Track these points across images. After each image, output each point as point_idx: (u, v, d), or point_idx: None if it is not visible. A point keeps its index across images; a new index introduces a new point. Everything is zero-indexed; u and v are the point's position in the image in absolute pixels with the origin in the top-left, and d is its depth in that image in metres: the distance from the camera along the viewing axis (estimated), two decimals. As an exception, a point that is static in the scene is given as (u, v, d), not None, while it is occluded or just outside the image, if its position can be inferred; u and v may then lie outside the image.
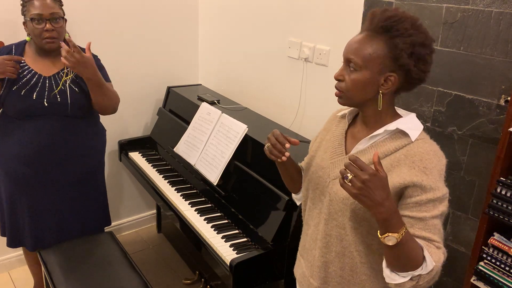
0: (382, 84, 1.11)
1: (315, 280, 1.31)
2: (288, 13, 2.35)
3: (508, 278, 1.45)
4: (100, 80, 1.96)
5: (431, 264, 1.05)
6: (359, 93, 1.13)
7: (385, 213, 0.99)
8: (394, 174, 1.11)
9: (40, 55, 1.98)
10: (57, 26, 1.89)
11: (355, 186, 0.98)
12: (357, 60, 1.10)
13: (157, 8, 2.79)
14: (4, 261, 2.68)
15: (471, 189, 1.71)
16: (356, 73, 1.11)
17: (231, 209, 2.06)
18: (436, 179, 1.09)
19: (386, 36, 1.08)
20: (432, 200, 1.08)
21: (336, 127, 1.32)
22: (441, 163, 1.12)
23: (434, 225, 1.09)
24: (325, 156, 1.29)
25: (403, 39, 1.07)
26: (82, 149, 2.09)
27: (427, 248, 1.06)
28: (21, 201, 2.07)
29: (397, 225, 1.00)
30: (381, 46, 1.08)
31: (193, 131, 2.37)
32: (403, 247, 1.02)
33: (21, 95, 1.91)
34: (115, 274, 1.96)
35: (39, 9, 1.84)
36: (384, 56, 1.09)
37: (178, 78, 3.04)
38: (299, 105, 2.38)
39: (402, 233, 1.00)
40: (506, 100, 1.54)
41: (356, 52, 1.11)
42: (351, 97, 1.15)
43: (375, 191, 0.97)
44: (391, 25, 1.08)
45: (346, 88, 1.14)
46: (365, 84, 1.11)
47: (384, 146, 1.15)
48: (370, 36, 1.11)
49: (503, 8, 1.51)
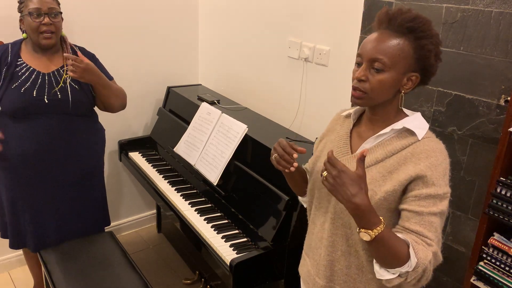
0: (404, 84, 1.13)
1: (321, 279, 1.31)
2: (288, 13, 2.35)
3: (508, 278, 1.45)
4: (106, 81, 1.98)
5: (414, 261, 1.05)
6: (383, 93, 1.13)
7: (355, 209, 1.02)
8: (401, 172, 1.12)
9: (37, 52, 1.98)
10: (55, 21, 1.90)
11: (328, 181, 1.03)
12: (386, 60, 1.09)
13: (157, 8, 2.79)
14: (4, 261, 2.68)
15: (471, 189, 1.71)
16: (383, 74, 1.10)
17: (231, 209, 2.06)
18: (440, 176, 1.10)
19: (410, 36, 1.09)
20: (432, 196, 1.09)
21: (341, 127, 1.32)
22: (446, 161, 1.13)
23: (430, 222, 1.09)
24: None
25: (430, 41, 1.09)
26: (81, 148, 2.09)
27: (414, 244, 1.06)
28: (21, 201, 2.07)
29: (371, 222, 1.03)
30: (407, 47, 1.09)
31: (193, 131, 2.37)
32: (381, 244, 1.04)
33: (21, 93, 1.91)
34: (115, 274, 1.96)
35: (38, 4, 1.86)
36: (410, 56, 1.10)
37: (178, 78, 3.04)
38: (299, 105, 2.38)
39: (378, 230, 1.02)
40: (506, 100, 1.54)
41: (384, 52, 1.09)
42: (374, 98, 1.14)
43: (344, 187, 1.01)
44: (416, 26, 1.09)
45: (370, 89, 1.12)
46: (390, 85, 1.12)
47: (390, 145, 1.16)
48: (395, 36, 1.10)
49: (503, 8, 1.51)
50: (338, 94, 2.17)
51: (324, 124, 1.42)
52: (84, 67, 1.84)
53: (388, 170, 1.14)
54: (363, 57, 1.12)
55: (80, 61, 1.84)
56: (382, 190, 1.14)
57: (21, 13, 1.92)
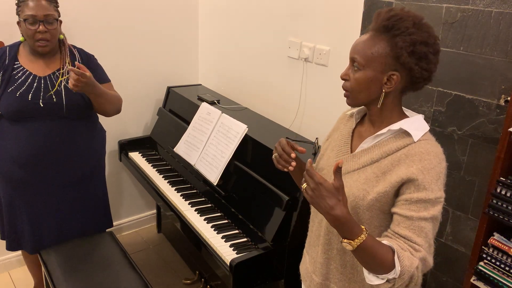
0: (385, 83, 1.12)
1: (317, 276, 1.33)
2: (288, 13, 2.35)
3: (508, 278, 1.45)
4: (100, 90, 1.95)
5: (398, 269, 1.04)
6: (363, 92, 1.14)
7: (335, 220, 1.02)
8: (393, 173, 1.11)
9: (34, 55, 1.96)
10: (51, 28, 1.87)
11: (308, 193, 1.03)
12: (360, 59, 1.12)
13: (157, 8, 2.79)
14: (4, 261, 2.68)
15: (471, 189, 1.71)
16: (360, 72, 1.13)
17: (231, 209, 2.06)
18: (432, 180, 1.08)
19: (388, 35, 1.09)
20: (423, 200, 1.07)
21: (344, 126, 1.33)
22: (441, 165, 1.11)
23: (421, 227, 1.07)
24: (332, 154, 1.31)
25: (403, 38, 1.07)
26: (79, 150, 2.07)
27: (400, 251, 1.05)
28: (20, 204, 2.06)
29: (353, 232, 1.02)
30: (383, 45, 1.09)
31: (193, 131, 2.37)
32: (364, 252, 1.04)
33: (16, 96, 1.89)
34: (115, 274, 1.96)
35: (33, 10, 1.82)
36: (386, 55, 1.09)
37: (178, 78, 3.04)
38: (299, 105, 2.38)
39: (360, 240, 1.02)
40: (506, 100, 1.54)
41: (359, 52, 1.12)
42: (356, 97, 1.16)
43: (322, 199, 1.01)
44: (392, 24, 1.09)
45: (351, 88, 1.16)
46: (368, 83, 1.12)
47: (386, 146, 1.16)
48: (374, 35, 1.12)
49: (503, 8, 1.51)
50: (338, 94, 2.16)
51: (324, 124, 1.43)
52: (86, 81, 1.81)
53: (382, 170, 1.14)
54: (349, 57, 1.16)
55: (84, 75, 1.79)
56: (374, 191, 1.14)
57: (18, 16, 1.89)
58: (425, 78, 1.13)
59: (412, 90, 1.17)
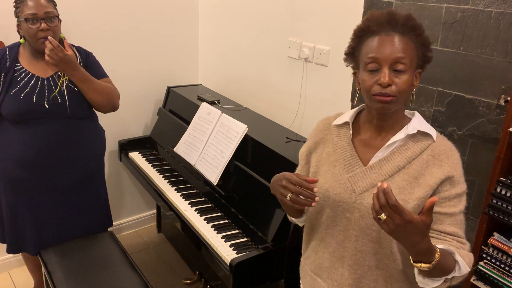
0: (414, 82, 1.14)
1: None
2: (288, 13, 2.35)
3: (508, 278, 1.45)
4: (85, 75, 1.94)
5: (465, 269, 1.07)
6: (407, 95, 1.12)
7: (416, 252, 1.00)
8: (427, 176, 1.12)
9: (35, 56, 1.95)
10: (52, 26, 1.87)
11: (389, 227, 0.96)
12: (407, 60, 1.08)
13: (157, 8, 2.79)
14: (4, 261, 2.68)
15: (471, 189, 1.71)
16: (406, 74, 1.08)
17: (231, 209, 2.06)
18: (461, 174, 1.13)
19: (412, 35, 1.11)
20: (459, 194, 1.12)
21: (338, 138, 1.24)
22: (459, 157, 1.16)
23: (461, 220, 1.12)
24: (337, 171, 1.20)
25: (425, 36, 1.13)
26: (82, 150, 2.07)
27: (458, 251, 1.07)
28: (22, 206, 2.05)
29: (430, 256, 1.00)
30: (412, 45, 1.11)
31: (193, 131, 2.37)
32: (436, 269, 1.02)
33: (20, 99, 1.88)
34: (115, 274, 1.96)
35: (34, 9, 1.82)
36: (416, 54, 1.12)
37: (178, 78, 3.04)
38: (299, 105, 2.38)
39: (435, 261, 1.00)
40: (506, 100, 1.54)
41: (404, 52, 1.08)
42: (402, 100, 1.12)
43: (407, 235, 0.96)
44: (415, 24, 1.11)
45: (398, 92, 1.08)
46: (410, 84, 1.11)
47: (408, 150, 1.14)
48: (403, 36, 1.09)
49: (503, 8, 1.51)
50: (338, 94, 2.17)
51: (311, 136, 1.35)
52: (62, 56, 1.82)
53: (413, 176, 1.12)
54: (381, 61, 1.07)
55: (60, 49, 1.82)
56: (413, 198, 1.11)
57: (17, 18, 1.88)
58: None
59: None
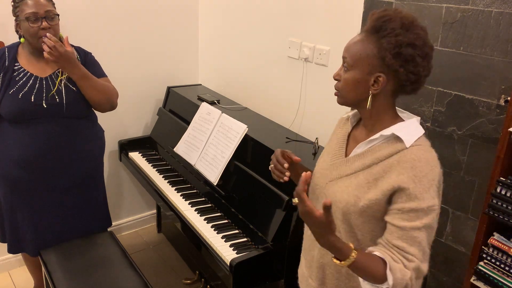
0: (372, 85, 1.11)
1: (313, 281, 1.32)
2: (288, 13, 2.35)
3: (508, 278, 1.45)
4: (84, 72, 1.94)
5: (391, 283, 1.03)
6: (351, 92, 1.14)
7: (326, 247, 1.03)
8: (384, 181, 1.09)
9: (34, 56, 1.95)
10: (53, 24, 1.87)
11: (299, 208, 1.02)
12: (349, 59, 1.12)
13: (157, 8, 2.79)
14: (4, 262, 2.68)
15: (471, 189, 1.71)
16: (348, 73, 1.13)
17: (231, 209, 2.06)
18: (424, 189, 1.05)
19: (376, 36, 1.08)
20: (415, 210, 1.05)
21: (341, 130, 1.31)
22: (433, 172, 1.07)
23: (413, 237, 1.05)
24: (327, 158, 1.29)
25: (388, 39, 1.06)
26: (80, 151, 2.07)
27: (393, 264, 1.04)
28: (21, 206, 2.05)
29: (342, 254, 1.02)
30: (371, 46, 1.08)
31: (193, 131, 2.37)
32: (356, 269, 1.04)
33: (19, 98, 1.88)
34: (115, 274, 1.96)
35: (34, 8, 1.82)
36: (372, 56, 1.08)
37: (178, 78, 3.04)
38: (299, 105, 2.38)
39: (350, 260, 1.02)
40: (506, 100, 1.54)
41: (349, 52, 1.13)
42: (345, 96, 1.17)
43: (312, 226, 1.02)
44: (380, 25, 1.08)
45: (341, 88, 1.16)
46: (355, 84, 1.12)
47: (379, 151, 1.14)
48: (364, 36, 1.11)
49: (503, 8, 1.51)
50: (338, 94, 2.17)
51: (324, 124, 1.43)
52: (62, 51, 1.81)
53: (374, 177, 1.12)
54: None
55: (60, 45, 1.81)
56: (366, 198, 1.12)
57: (16, 17, 1.88)
58: (413, 82, 1.09)
59: (403, 93, 1.14)
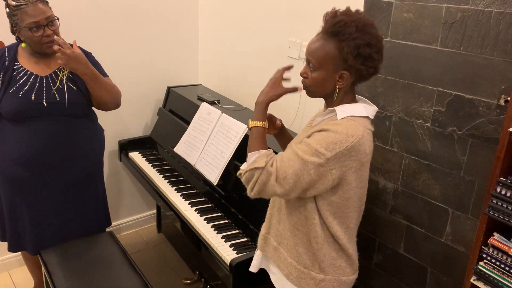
0: (337, 81, 1.28)
1: (263, 229, 1.55)
2: (288, 13, 2.35)
3: (508, 278, 1.45)
4: (95, 73, 1.95)
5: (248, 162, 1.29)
6: (319, 88, 1.32)
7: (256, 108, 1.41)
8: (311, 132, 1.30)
9: (34, 56, 1.96)
10: (55, 29, 1.88)
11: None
12: (314, 61, 1.28)
13: (157, 8, 2.79)
14: (4, 261, 2.68)
15: (471, 189, 1.71)
16: (315, 73, 1.30)
17: (231, 209, 2.06)
18: (321, 139, 1.23)
19: (335, 40, 1.24)
20: (306, 143, 1.25)
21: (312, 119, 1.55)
22: (337, 138, 1.22)
23: (289, 158, 1.26)
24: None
25: (348, 43, 1.22)
26: (81, 149, 2.07)
27: (262, 154, 1.28)
28: (21, 205, 2.05)
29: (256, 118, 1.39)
30: (332, 49, 1.24)
31: (193, 131, 2.37)
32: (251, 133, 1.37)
33: (19, 97, 1.89)
34: (115, 274, 1.96)
35: (35, 17, 1.80)
36: (335, 57, 1.25)
37: (178, 78, 3.05)
38: (299, 105, 2.38)
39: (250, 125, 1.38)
40: (506, 100, 1.54)
41: (313, 54, 1.28)
42: (313, 92, 1.35)
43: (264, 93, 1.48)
44: (337, 30, 1.23)
45: (309, 84, 1.33)
46: (323, 81, 1.30)
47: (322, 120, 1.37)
48: (323, 39, 1.26)
49: (503, 8, 1.51)
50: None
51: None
52: (70, 53, 1.81)
53: (308, 135, 1.32)
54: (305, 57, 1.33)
55: (67, 46, 1.81)
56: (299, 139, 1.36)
57: (16, 25, 1.87)
58: (372, 73, 1.29)
59: (363, 81, 1.34)
